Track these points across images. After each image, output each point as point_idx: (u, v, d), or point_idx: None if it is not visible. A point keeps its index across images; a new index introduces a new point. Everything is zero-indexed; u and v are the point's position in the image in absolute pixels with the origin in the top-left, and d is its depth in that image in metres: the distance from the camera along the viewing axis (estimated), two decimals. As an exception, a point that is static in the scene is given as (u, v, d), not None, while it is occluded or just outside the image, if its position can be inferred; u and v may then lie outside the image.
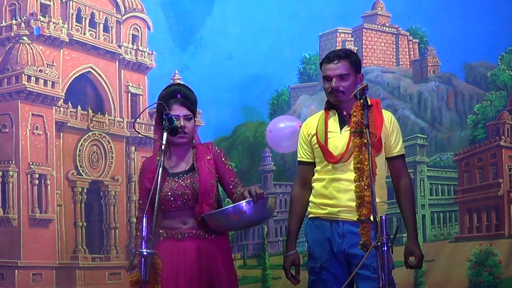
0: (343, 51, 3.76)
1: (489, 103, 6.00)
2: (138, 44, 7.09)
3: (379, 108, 3.68)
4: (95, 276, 6.63)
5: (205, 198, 3.64)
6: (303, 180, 3.81)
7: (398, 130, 3.73)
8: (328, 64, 3.69)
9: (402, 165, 3.71)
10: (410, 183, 3.71)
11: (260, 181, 6.61)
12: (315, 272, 3.69)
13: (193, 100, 3.75)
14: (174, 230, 3.67)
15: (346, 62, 3.65)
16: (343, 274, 3.59)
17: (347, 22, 6.56)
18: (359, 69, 3.72)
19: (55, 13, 6.79)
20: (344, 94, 3.62)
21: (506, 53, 5.96)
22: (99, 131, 6.83)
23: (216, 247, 3.69)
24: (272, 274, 6.40)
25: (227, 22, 6.66)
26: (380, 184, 3.63)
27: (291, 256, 3.79)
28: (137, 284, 3.26)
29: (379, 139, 3.59)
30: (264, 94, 6.65)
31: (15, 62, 6.65)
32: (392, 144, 3.69)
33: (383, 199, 3.71)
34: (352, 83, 3.64)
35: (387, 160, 3.71)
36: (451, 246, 5.97)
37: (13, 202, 6.54)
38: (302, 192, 3.81)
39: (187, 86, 3.83)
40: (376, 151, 3.55)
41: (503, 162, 5.95)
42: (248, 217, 3.54)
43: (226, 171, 3.75)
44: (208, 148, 3.76)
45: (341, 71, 3.64)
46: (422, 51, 6.35)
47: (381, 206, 3.65)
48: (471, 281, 5.82)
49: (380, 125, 3.62)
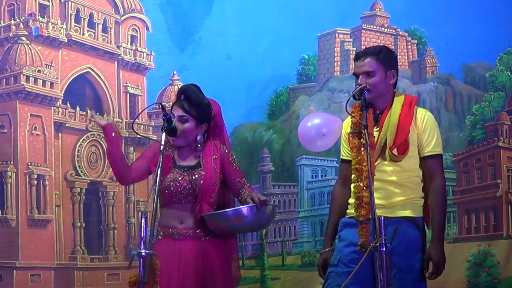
0: (374, 47, 3.66)
1: (488, 104, 6.00)
2: (137, 45, 7.09)
3: (411, 107, 3.59)
4: (93, 276, 6.63)
5: (205, 196, 3.63)
6: (344, 178, 3.72)
7: (433, 129, 3.59)
8: (356, 61, 3.62)
9: (434, 166, 3.58)
10: (442, 184, 3.57)
11: (259, 182, 6.61)
12: (333, 264, 3.63)
13: (194, 100, 3.66)
14: (171, 229, 3.66)
15: (373, 59, 3.55)
16: (365, 272, 3.46)
17: (346, 23, 6.57)
18: (391, 65, 3.60)
19: (53, 13, 6.79)
20: (370, 92, 3.53)
21: (505, 54, 5.97)
22: (98, 132, 6.83)
23: (213, 248, 3.67)
24: (271, 274, 6.40)
25: (226, 22, 6.67)
26: (413, 181, 3.57)
27: (324, 254, 3.71)
28: (136, 285, 3.26)
29: (405, 140, 3.51)
30: (262, 95, 6.65)
31: (14, 62, 6.65)
32: (424, 143, 3.58)
33: (418, 195, 3.60)
34: (381, 81, 3.55)
35: (420, 160, 3.59)
36: (449, 246, 5.96)
37: (11, 203, 6.53)
38: (343, 190, 3.72)
39: (196, 87, 3.73)
40: (401, 153, 3.51)
41: (501, 163, 5.95)
42: (248, 222, 3.54)
43: (233, 172, 3.72)
44: (216, 147, 3.74)
45: (367, 68, 3.55)
46: (420, 52, 6.35)
47: (415, 201, 3.57)
48: (469, 281, 5.82)
49: (407, 125, 3.54)
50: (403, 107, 3.58)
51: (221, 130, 3.84)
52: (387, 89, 3.60)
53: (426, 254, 3.52)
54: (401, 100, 3.61)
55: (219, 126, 3.82)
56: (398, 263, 3.43)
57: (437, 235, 3.53)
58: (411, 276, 3.48)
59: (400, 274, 3.45)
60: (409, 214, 3.53)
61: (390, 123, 3.54)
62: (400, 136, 3.52)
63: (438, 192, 3.56)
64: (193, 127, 3.68)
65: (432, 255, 3.50)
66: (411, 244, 3.49)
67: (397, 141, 3.52)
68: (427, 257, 3.51)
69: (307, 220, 6.51)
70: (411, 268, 3.48)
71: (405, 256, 3.44)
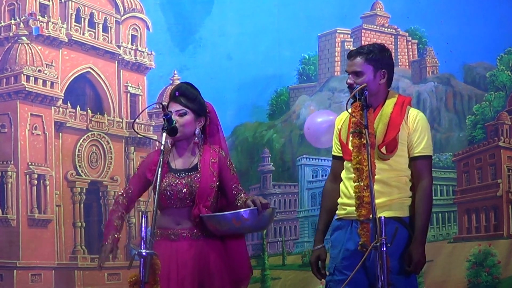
0: (366, 46, 3.67)
1: (488, 104, 6.00)
2: (137, 44, 7.09)
3: (404, 106, 3.59)
4: (94, 276, 6.63)
5: (202, 200, 3.64)
6: (335, 175, 3.74)
7: (424, 130, 3.58)
8: (348, 59, 3.66)
9: (423, 167, 3.56)
10: (428, 185, 3.56)
11: (259, 182, 6.61)
12: (330, 273, 3.65)
13: (190, 95, 3.70)
14: (168, 230, 3.66)
15: (362, 59, 3.58)
16: (361, 275, 3.51)
17: (346, 23, 6.57)
18: (382, 65, 3.59)
19: (54, 13, 6.79)
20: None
21: (505, 53, 5.97)
22: (98, 132, 6.83)
23: (210, 248, 3.67)
24: (271, 274, 6.40)
25: (226, 22, 6.67)
26: (401, 180, 3.56)
27: (317, 251, 3.72)
28: (136, 285, 3.26)
29: (393, 139, 3.51)
30: (263, 95, 6.65)
31: (14, 62, 6.65)
32: (414, 143, 3.57)
33: (406, 194, 3.59)
34: (369, 81, 3.55)
35: (409, 160, 3.59)
36: (450, 246, 5.97)
37: (12, 203, 6.53)
38: (333, 187, 3.73)
39: (189, 84, 3.78)
40: (389, 151, 3.51)
41: (502, 162, 5.95)
42: (249, 225, 3.57)
43: (230, 177, 3.74)
44: (214, 151, 3.75)
45: (355, 68, 3.59)
46: (421, 51, 6.35)
47: (403, 201, 3.57)
48: (470, 281, 5.82)
49: (397, 124, 3.54)
50: (395, 106, 3.58)
51: (217, 129, 3.86)
52: (377, 89, 3.59)
53: (407, 253, 3.51)
54: (394, 99, 3.61)
55: (215, 124, 3.84)
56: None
57: (420, 235, 3.53)
58: (401, 277, 3.48)
59: (391, 276, 3.45)
60: (397, 215, 3.52)
61: (381, 122, 3.54)
62: (390, 134, 3.52)
63: (424, 193, 3.55)
64: (192, 120, 3.69)
65: (412, 255, 3.49)
66: (398, 245, 3.46)
67: (386, 140, 3.52)
68: (408, 256, 3.50)
69: (308, 220, 6.52)
70: (400, 268, 3.48)
71: (393, 257, 3.42)
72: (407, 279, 3.52)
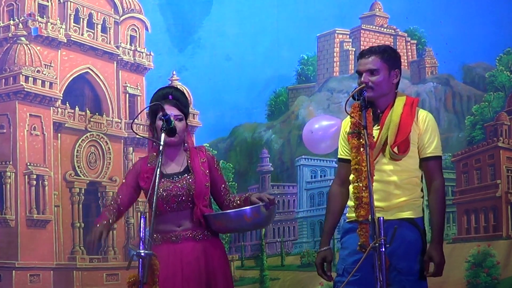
0: (379, 46, 3.69)
1: (487, 104, 6.00)
2: (136, 45, 7.09)
3: (413, 107, 3.60)
4: (92, 277, 6.63)
5: (200, 199, 3.67)
6: (341, 178, 3.74)
7: (434, 131, 3.61)
8: (360, 58, 3.63)
9: (435, 167, 3.60)
10: (441, 186, 3.59)
11: (258, 182, 6.61)
12: (338, 273, 3.66)
13: (184, 102, 3.78)
14: (170, 233, 3.68)
15: (378, 57, 3.58)
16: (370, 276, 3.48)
17: (345, 23, 6.57)
18: (395, 65, 3.63)
19: (53, 13, 6.79)
20: (373, 90, 3.55)
21: (504, 54, 5.97)
22: (97, 132, 6.83)
23: (212, 247, 3.71)
24: (270, 275, 6.40)
25: (225, 23, 6.67)
26: (412, 181, 3.58)
27: (322, 253, 3.71)
28: (135, 285, 3.26)
29: (406, 139, 3.53)
30: (262, 95, 6.65)
31: (13, 62, 6.64)
32: (425, 144, 3.59)
33: (417, 195, 3.61)
34: (384, 79, 3.57)
35: (420, 161, 3.62)
36: (449, 247, 5.96)
37: (10, 203, 6.53)
38: (340, 190, 3.73)
39: (179, 89, 3.88)
40: (401, 152, 3.52)
41: (501, 163, 5.95)
42: (258, 221, 3.62)
43: (219, 177, 3.80)
44: (201, 151, 3.81)
45: (371, 66, 3.57)
46: (420, 52, 6.35)
47: (414, 202, 3.58)
48: (469, 282, 5.82)
49: (409, 124, 3.55)
50: (405, 107, 3.60)
51: (189, 132, 3.94)
52: (390, 88, 3.61)
53: (426, 255, 3.52)
54: (403, 100, 3.63)
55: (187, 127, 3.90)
56: (398, 266, 3.44)
57: (437, 235, 3.54)
58: (410, 278, 3.49)
59: (400, 276, 3.45)
60: (408, 216, 3.53)
61: (392, 122, 3.55)
62: (402, 134, 3.53)
63: (438, 193, 3.58)
64: (185, 125, 3.77)
65: (433, 256, 3.50)
66: (410, 246, 3.49)
67: (398, 140, 3.53)
68: (428, 258, 3.51)
69: (306, 221, 6.51)
70: (410, 270, 3.49)
71: (404, 258, 3.44)
72: (417, 280, 3.51)
